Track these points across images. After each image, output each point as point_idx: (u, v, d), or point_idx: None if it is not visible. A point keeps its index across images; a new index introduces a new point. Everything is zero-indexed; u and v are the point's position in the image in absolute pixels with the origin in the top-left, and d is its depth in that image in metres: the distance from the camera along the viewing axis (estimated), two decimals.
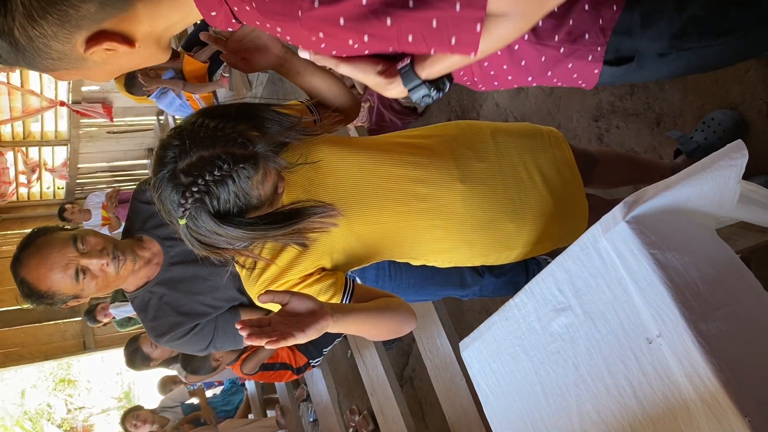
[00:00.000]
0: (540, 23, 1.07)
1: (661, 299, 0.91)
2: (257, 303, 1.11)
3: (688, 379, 0.89)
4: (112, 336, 7.27)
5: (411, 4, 0.78)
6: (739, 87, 1.78)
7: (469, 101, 2.98)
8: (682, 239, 0.98)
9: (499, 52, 1.11)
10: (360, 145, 1.31)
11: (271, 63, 1.27)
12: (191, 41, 4.83)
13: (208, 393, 5.80)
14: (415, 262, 1.40)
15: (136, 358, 3.49)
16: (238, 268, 1.23)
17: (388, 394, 2.58)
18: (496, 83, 1.23)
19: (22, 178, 7.21)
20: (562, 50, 1.08)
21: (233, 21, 0.92)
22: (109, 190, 6.50)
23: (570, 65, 1.11)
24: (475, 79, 1.23)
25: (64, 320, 7.17)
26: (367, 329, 1.21)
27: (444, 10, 0.78)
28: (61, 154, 7.35)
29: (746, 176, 1.02)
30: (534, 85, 1.20)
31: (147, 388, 15.63)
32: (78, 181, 7.72)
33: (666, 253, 0.93)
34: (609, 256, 0.98)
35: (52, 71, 0.93)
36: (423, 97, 0.99)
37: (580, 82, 1.16)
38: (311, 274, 1.20)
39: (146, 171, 8.23)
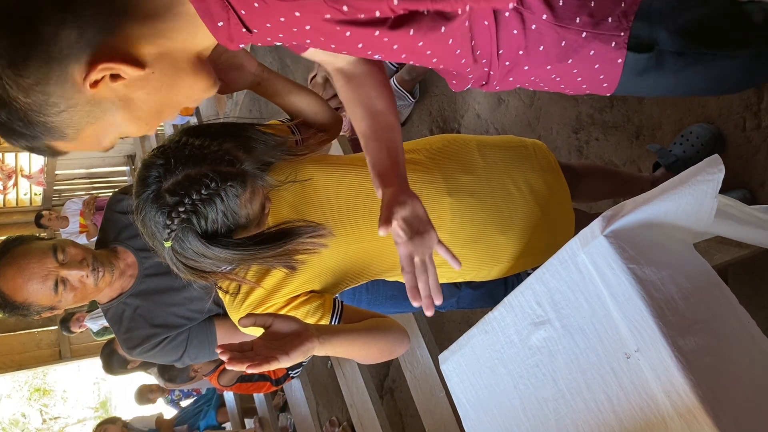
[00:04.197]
0: (561, 1, 0.99)
1: (638, 314, 0.90)
2: (239, 328, 1.08)
3: (665, 394, 0.88)
4: (88, 345, 7.17)
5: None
6: (716, 101, 1.80)
7: (450, 112, 2.98)
8: (660, 253, 0.98)
9: (515, 31, 1.01)
10: (346, 162, 1.29)
11: (248, 82, 1.24)
12: None
13: (185, 402, 5.73)
14: None
15: (113, 362, 3.44)
16: (221, 294, 1.19)
17: (368, 406, 2.55)
18: (511, 78, 1.12)
19: None
20: (584, 35, 1.02)
21: (243, 30, 0.82)
22: (87, 197, 6.43)
23: (592, 52, 1.04)
24: (491, 72, 1.10)
25: (39, 329, 7.05)
26: (357, 351, 1.18)
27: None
28: (38, 160, 7.25)
29: (723, 190, 1.02)
30: (552, 76, 1.10)
31: (124, 397, 15.43)
32: (55, 187, 7.62)
33: (644, 267, 0.93)
34: (587, 270, 0.97)
35: (74, 137, 0.83)
36: None
37: (601, 76, 1.08)
38: (298, 296, 1.17)
39: (125, 178, 8.15)
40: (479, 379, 1.23)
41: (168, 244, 0.99)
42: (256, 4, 0.77)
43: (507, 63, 1.07)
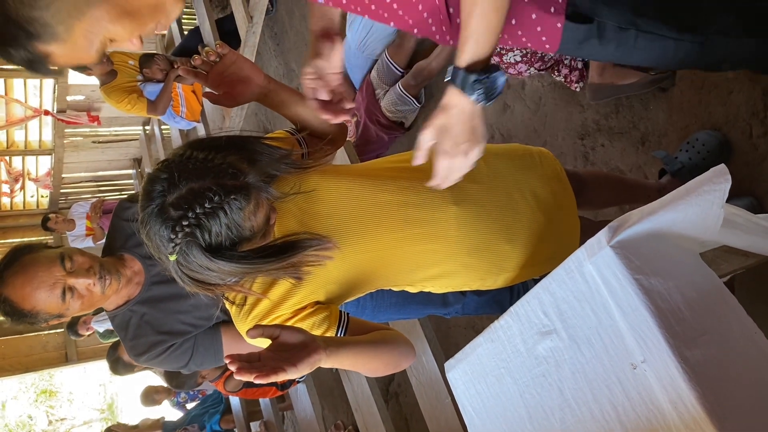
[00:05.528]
0: None
1: (645, 325, 0.90)
2: (246, 340, 1.09)
3: (672, 405, 0.88)
4: (95, 348, 7.19)
5: None
6: (723, 108, 1.80)
7: None
8: (666, 264, 0.98)
9: None
10: (351, 172, 1.30)
11: (255, 94, 1.25)
12: (182, 51, 4.81)
13: (191, 405, 5.75)
14: (412, 290, 1.38)
15: (119, 366, 3.49)
16: (227, 305, 1.19)
17: (373, 411, 2.56)
18: None
19: (5, 188, 7.14)
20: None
21: None
22: (94, 200, 6.46)
23: (533, 15, 1.09)
24: (443, 28, 1.18)
25: (46, 332, 7.08)
26: (363, 363, 1.18)
27: None
28: (45, 163, 7.29)
29: (729, 197, 1.02)
30: (504, 37, 1.17)
31: (130, 399, 15.45)
32: (62, 190, 7.67)
33: (650, 278, 0.93)
34: (594, 281, 0.97)
35: (66, 38, 0.87)
36: (477, 87, 0.98)
37: (543, 38, 1.13)
38: (304, 308, 1.17)
39: (131, 181, 8.19)
40: (485, 388, 1.23)
41: (173, 258, 0.99)
42: None
43: (458, 21, 1.11)
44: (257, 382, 0.92)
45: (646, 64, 1.29)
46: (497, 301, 1.82)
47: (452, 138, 1.04)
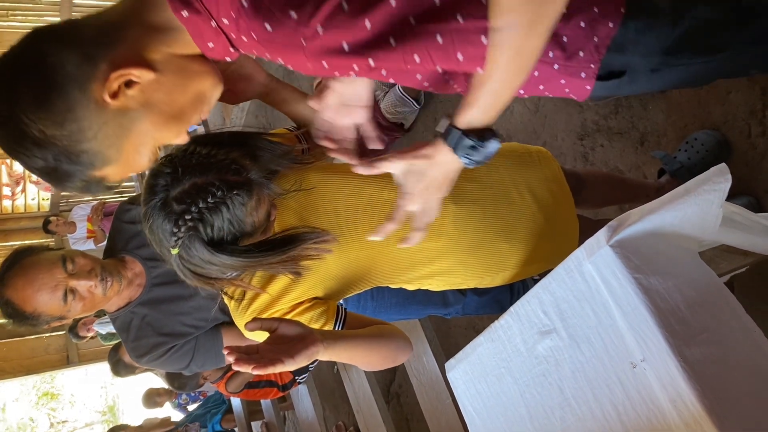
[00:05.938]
0: None
1: (644, 324, 0.91)
2: (245, 333, 1.09)
3: (672, 404, 0.89)
4: (96, 350, 7.20)
5: (412, 21, 0.77)
6: (722, 108, 1.80)
7: None
8: (665, 263, 0.98)
9: None
10: (351, 170, 1.30)
11: (257, 92, 1.26)
12: None
13: (192, 406, 5.76)
14: (410, 287, 1.39)
15: (120, 368, 3.49)
16: (226, 300, 1.20)
17: (374, 411, 2.56)
18: None
19: (6, 191, 7.15)
20: (556, 66, 1.05)
21: (231, 50, 0.89)
22: (95, 202, 6.46)
23: (562, 81, 1.08)
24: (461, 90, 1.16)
25: (48, 334, 7.09)
26: (360, 357, 1.19)
27: (447, 22, 0.77)
28: None
29: (728, 197, 1.02)
30: (525, 96, 1.16)
31: (132, 401, 15.47)
32: (63, 193, 7.65)
33: (650, 277, 0.94)
34: (593, 280, 0.98)
35: (117, 158, 0.88)
36: (469, 152, 0.95)
37: (572, 96, 1.13)
38: (302, 302, 1.18)
39: (132, 183, 8.18)
40: (486, 387, 1.23)
41: (175, 251, 1.01)
42: (244, 38, 0.83)
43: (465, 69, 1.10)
44: (255, 372, 0.94)
45: (676, 88, 1.27)
46: (497, 301, 1.83)
47: (424, 183, 1.03)
